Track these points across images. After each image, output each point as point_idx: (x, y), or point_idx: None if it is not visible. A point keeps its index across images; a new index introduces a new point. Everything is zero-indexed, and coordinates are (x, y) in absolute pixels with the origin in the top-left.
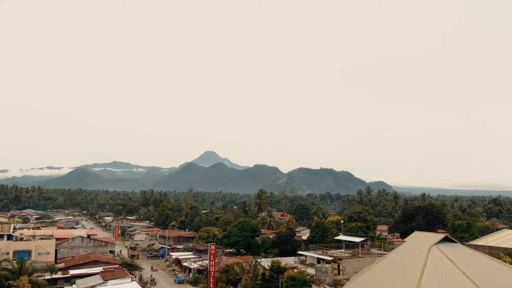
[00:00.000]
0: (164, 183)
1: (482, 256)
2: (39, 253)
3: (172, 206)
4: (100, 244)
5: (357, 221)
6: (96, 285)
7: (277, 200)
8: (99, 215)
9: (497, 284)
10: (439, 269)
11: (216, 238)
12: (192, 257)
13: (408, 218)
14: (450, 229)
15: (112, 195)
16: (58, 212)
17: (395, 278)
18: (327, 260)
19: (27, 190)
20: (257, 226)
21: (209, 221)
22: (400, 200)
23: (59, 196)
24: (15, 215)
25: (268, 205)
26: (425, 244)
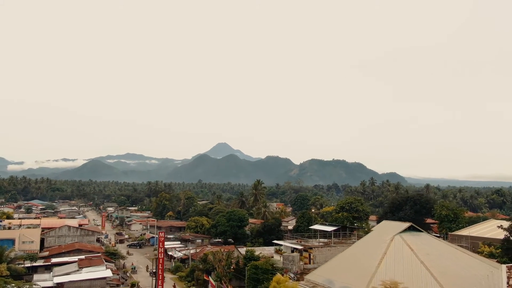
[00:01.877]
0: (176, 174)
1: (446, 246)
2: (23, 241)
3: (171, 196)
4: (87, 234)
5: (349, 211)
6: (71, 272)
7: (283, 191)
8: (103, 205)
9: (454, 273)
10: (398, 258)
11: (204, 228)
12: (178, 246)
13: (397, 208)
14: (437, 219)
15: (121, 186)
16: (64, 202)
17: (354, 267)
18: (299, 249)
19: (36, 182)
20: (245, 216)
21: (201, 211)
22: (401, 190)
23: (68, 187)
24: (21, 205)
25: (264, 195)
26: (390, 233)
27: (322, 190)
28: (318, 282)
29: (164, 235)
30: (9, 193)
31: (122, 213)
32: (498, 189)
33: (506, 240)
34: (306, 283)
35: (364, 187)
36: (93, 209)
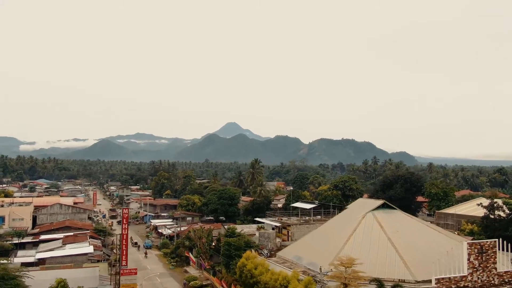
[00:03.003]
0: (186, 154)
1: (416, 223)
2: (13, 219)
3: (169, 175)
4: (78, 211)
5: (342, 189)
6: (54, 248)
7: (287, 170)
8: (107, 184)
9: (419, 249)
10: (367, 235)
11: (195, 206)
12: (169, 224)
13: (387, 187)
14: (427, 197)
15: (127, 166)
16: (69, 181)
17: (324, 244)
18: (278, 227)
19: (43, 161)
20: (235, 195)
21: (196, 190)
22: (402, 169)
23: (75, 166)
24: (26, 184)
25: (262, 174)
26: (363, 211)
27: (327, 169)
28: (288, 259)
29: (127, 212)
30: (16, 173)
31: (123, 192)
32: (500, 167)
33: (486, 218)
34: (277, 259)
35: (366, 166)
36: (97, 188)
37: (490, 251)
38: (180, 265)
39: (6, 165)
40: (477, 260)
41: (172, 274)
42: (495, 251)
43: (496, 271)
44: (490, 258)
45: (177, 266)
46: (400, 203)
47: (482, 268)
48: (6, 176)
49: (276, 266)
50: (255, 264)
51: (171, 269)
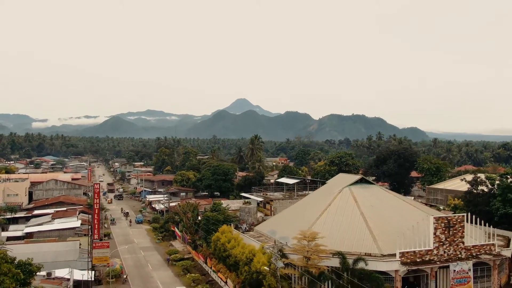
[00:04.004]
0: (196, 130)
1: (393, 198)
2: (8, 194)
3: (170, 152)
4: (74, 187)
5: (338, 165)
6: (43, 223)
7: (293, 146)
8: (112, 161)
9: (389, 223)
10: (340, 209)
11: (190, 182)
12: (163, 199)
13: (381, 162)
14: (420, 172)
15: (134, 142)
16: (76, 158)
17: (299, 218)
18: (262, 202)
19: (51, 138)
20: (229, 170)
21: (193, 166)
22: (405, 144)
23: (84, 143)
24: (33, 161)
25: (261, 150)
26: (341, 185)
27: (333, 145)
28: (263, 233)
29: (98, 187)
30: (23, 150)
31: (125, 168)
32: (505, 143)
33: (468, 192)
34: (254, 233)
35: (370, 141)
36: (102, 164)
37: (458, 226)
38: (167, 239)
39: (14, 142)
40: (444, 234)
41: (157, 248)
42: (463, 226)
43: (463, 245)
44: (457, 232)
45: (164, 240)
46: (393, 178)
47: (449, 242)
48: (14, 153)
49: (249, 240)
50: (229, 238)
51: (157, 243)
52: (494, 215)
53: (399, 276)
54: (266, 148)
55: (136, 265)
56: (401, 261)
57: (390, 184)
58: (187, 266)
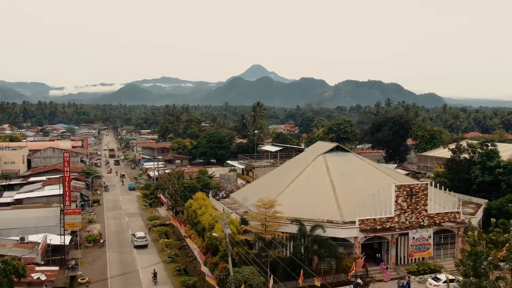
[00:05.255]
0: (211, 97)
1: (368, 166)
2: (4, 162)
3: (174, 119)
4: (71, 155)
5: (336, 132)
6: (34, 190)
7: (303, 113)
8: (121, 128)
9: (356, 190)
10: (312, 177)
11: (186, 149)
12: (159, 167)
13: (376, 129)
14: (414, 139)
15: (147, 110)
16: (86, 126)
17: (272, 185)
18: (245, 169)
19: (63, 106)
20: (224, 138)
21: (192, 133)
22: (411, 112)
23: (96, 111)
24: (44, 128)
25: (263, 117)
26: (317, 153)
27: (344, 111)
28: (237, 200)
29: (68, 155)
30: (35, 118)
31: (131, 136)
32: None
33: (451, 160)
34: (229, 200)
35: (378, 108)
36: (111, 132)
37: (421, 194)
38: (155, 206)
39: (27, 110)
40: (406, 202)
41: (143, 214)
42: (426, 194)
43: (426, 213)
44: (420, 200)
45: (152, 207)
46: (388, 145)
47: (411, 209)
48: (27, 121)
49: (220, 207)
50: (200, 205)
51: (143, 209)
52: (473, 183)
53: (358, 242)
54: (276, 115)
55: (118, 230)
56: (360, 228)
57: (386, 151)
58: (164, 231)
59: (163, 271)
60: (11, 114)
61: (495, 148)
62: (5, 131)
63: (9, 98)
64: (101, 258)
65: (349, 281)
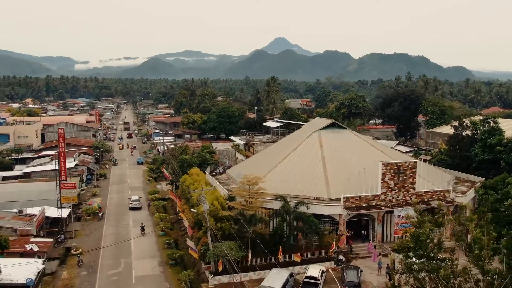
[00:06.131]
0: (234, 71)
1: (363, 143)
2: (18, 136)
3: (189, 94)
4: (83, 129)
5: (348, 107)
6: (43, 163)
7: (323, 86)
8: (140, 103)
9: (346, 168)
10: (304, 154)
11: (196, 124)
12: (169, 141)
13: (387, 105)
14: (424, 115)
15: (168, 84)
16: (107, 100)
17: (265, 162)
18: (245, 144)
19: (84, 80)
20: (234, 113)
21: (204, 108)
22: (431, 86)
23: (117, 85)
24: (65, 102)
25: (277, 92)
26: (312, 130)
27: (365, 85)
28: (231, 176)
29: (63, 131)
30: (57, 92)
31: (148, 110)
32: None
33: (452, 137)
34: (224, 175)
35: (398, 82)
36: (130, 106)
37: (409, 172)
38: (159, 181)
39: (49, 84)
40: (393, 180)
41: (146, 188)
42: (414, 172)
43: (414, 191)
44: (408, 179)
45: (157, 182)
46: (398, 121)
47: (398, 187)
48: (49, 95)
49: (214, 183)
50: (194, 180)
51: (147, 183)
52: (473, 161)
53: (343, 220)
54: (297, 89)
55: (118, 204)
56: (345, 205)
57: (397, 127)
58: (162, 205)
59: (154, 244)
60: (34, 88)
61: (497, 126)
62: (28, 105)
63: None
64: (98, 231)
65: (330, 257)
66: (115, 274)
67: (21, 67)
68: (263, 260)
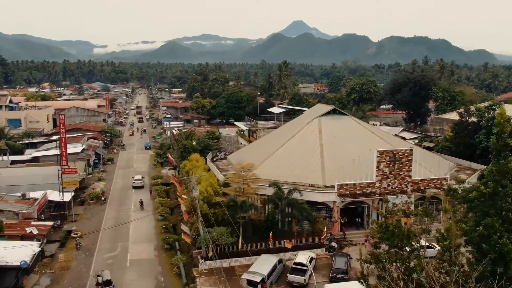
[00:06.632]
0: (251, 54)
1: (363, 130)
2: (30, 121)
3: (202, 79)
4: (94, 114)
5: (359, 92)
6: (51, 148)
7: (338, 71)
8: (154, 87)
9: (346, 156)
10: (303, 140)
11: (205, 109)
12: (178, 126)
13: (397, 90)
14: (434, 101)
15: (184, 68)
16: (122, 84)
17: (265, 148)
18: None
19: (101, 64)
20: (242, 98)
21: (215, 93)
22: (447, 70)
23: (133, 69)
24: (81, 87)
25: (289, 77)
26: (313, 116)
27: (382, 70)
28: (231, 162)
29: (64, 117)
30: (73, 76)
31: (161, 95)
32: None
33: (457, 124)
34: (225, 161)
35: (414, 66)
36: (145, 90)
37: (405, 159)
38: (165, 165)
39: (66, 69)
40: (388, 167)
41: (151, 173)
42: (411, 160)
43: (410, 179)
44: (404, 166)
45: (163, 166)
46: (408, 107)
47: (394, 175)
48: (66, 79)
49: (213, 169)
50: (193, 166)
51: (153, 168)
52: (477, 148)
53: (337, 207)
54: (313, 73)
55: (122, 188)
56: (339, 193)
57: (407, 113)
58: (163, 190)
59: (153, 229)
60: (51, 73)
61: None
62: (45, 90)
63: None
64: (99, 215)
65: (322, 244)
66: (111, 257)
67: (41, 52)
68: (255, 246)
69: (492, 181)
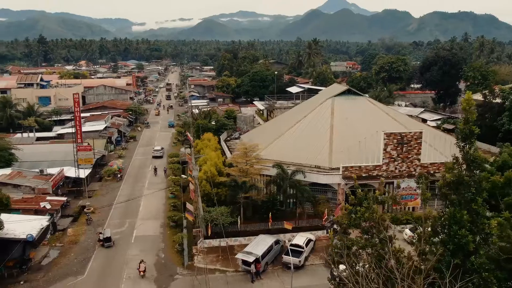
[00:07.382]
0: (288, 31)
1: (378, 111)
2: (59, 99)
3: (231, 56)
4: (121, 92)
5: (388, 71)
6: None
7: (374, 48)
8: (187, 65)
9: (356, 138)
10: (314, 121)
11: (230, 88)
12: (202, 104)
13: (426, 69)
14: (465, 81)
15: (216, 45)
16: (156, 62)
17: (276, 128)
18: (266, 110)
19: (136, 42)
20: (267, 77)
21: (242, 71)
22: (487, 48)
23: (168, 47)
24: (116, 64)
25: (319, 55)
26: (327, 96)
27: (420, 47)
28: (244, 141)
29: (79, 97)
30: (109, 54)
31: (192, 73)
32: None
33: (480, 105)
34: (238, 141)
35: (452, 44)
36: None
37: (414, 142)
38: (186, 144)
39: (102, 47)
40: (396, 150)
41: (169, 150)
42: (420, 142)
43: (419, 162)
44: (412, 149)
45: (183, 145)
46: (438, 86)
47: (402, 158)
48: (102, 57)
49: (225, 148)
50: (205, 145)
51: (173, 146)
52: (500, 131)
53: (341, 189)
54: (348, 51)
55: (140, 166)
56: (344, 175)
57: (436, 92)
58: (178, 168)
59: (162, 206)
60: (88, 51)
61: None
62: (81, 68)
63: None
64: (114, 191)
65: (323, 226)
66: (118, 233)
67: (82, 30)
68: (255, 226)
69: (457, 170)
